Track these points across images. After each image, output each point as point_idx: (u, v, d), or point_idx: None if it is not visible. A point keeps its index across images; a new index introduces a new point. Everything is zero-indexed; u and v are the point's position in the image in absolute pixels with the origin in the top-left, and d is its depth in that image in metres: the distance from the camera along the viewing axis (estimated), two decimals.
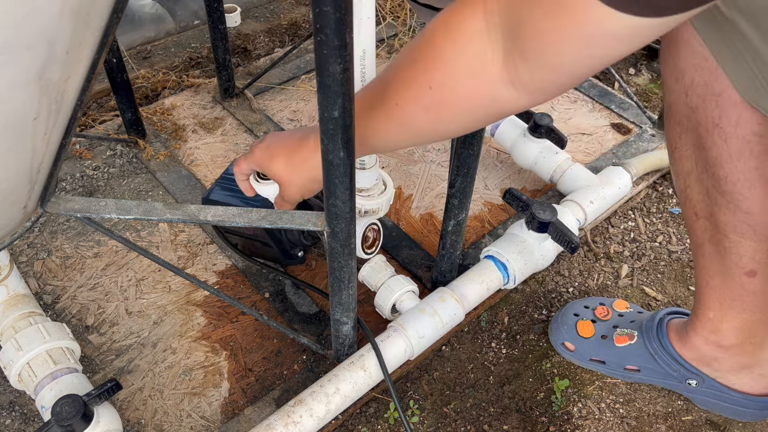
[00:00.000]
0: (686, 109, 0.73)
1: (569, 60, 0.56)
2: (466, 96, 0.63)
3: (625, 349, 1.01)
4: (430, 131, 0.70)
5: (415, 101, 0.66)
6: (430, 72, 0.63)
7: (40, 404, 0.87)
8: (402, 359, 0.98)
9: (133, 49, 1.77)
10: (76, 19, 0.51)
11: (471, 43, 0.60)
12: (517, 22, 0.56)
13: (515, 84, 0.60)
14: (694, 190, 0.79)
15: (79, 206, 0.77)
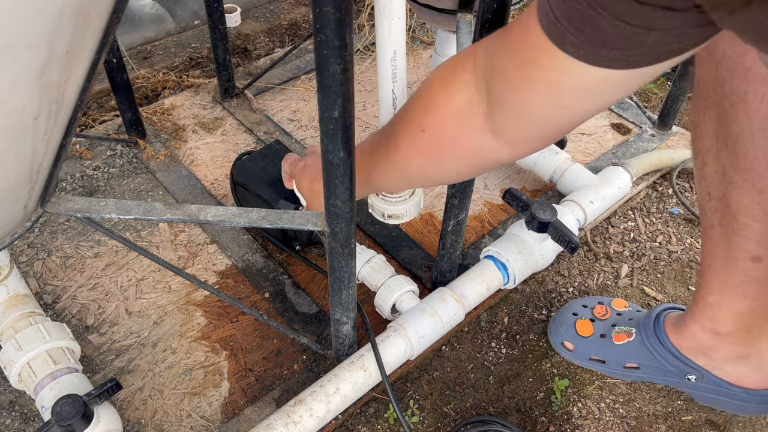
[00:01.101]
0: (714, 82, 0.73)
1: (543, 111, 0.57)
2: (452, 142, 0.67)
3: (624, 346, 1.01)
4: (422, 176, 0.75)
5: (411, 144, 0.71)
6: (423, 117, 0.68)
7: (40, 404, 0.87)
8: (402, 359, 0.98)
9: (133, 49, 1.77)
10: (76, 19, 0.51)
11: (460, 92, 0.64)
12: (493, 72, 0.59)
13: (495, 134, 0.63)
14: (710, 168, 0.78)
15: (79, 206, 0.77)
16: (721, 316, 0.90)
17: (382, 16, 0.78)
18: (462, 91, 0.64)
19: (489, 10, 0.73)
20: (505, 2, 0.73)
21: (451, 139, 0.67)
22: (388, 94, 0.85)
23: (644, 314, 1.02)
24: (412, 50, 1.76)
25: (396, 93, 0.86)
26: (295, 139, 1.45)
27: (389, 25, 0.78)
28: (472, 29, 0.93)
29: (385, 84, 0.85)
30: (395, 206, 0.97)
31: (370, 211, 1.02)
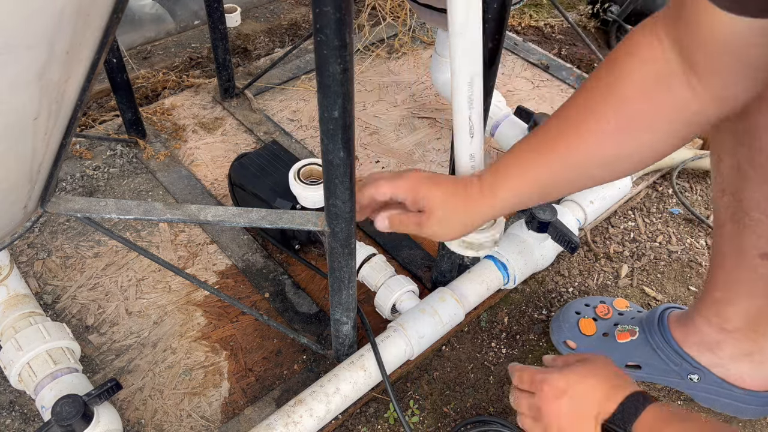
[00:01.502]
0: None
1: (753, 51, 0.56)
2: (651, 110, 0.64)
3: (627, 345, 1.01)
4: (615, 159, 0.69)
5: (601, 126, 0.67)
6: (610, 95, 0.65)
7: (40, 404, 0.87)
8: (402, 359, 0.98)
9: (133, 49, 1.77)
10: (76, 19, 0.51)
11: (651, 58, 0.63)
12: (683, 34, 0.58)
13: (699, 88, 0.61)
14: (725, 163, 0.78)
15: (79, 206, 0.77)
16: (728, 312, 0.89)
17: (458, 39, 0.71)
18: (652, 57, 0.62)
19: (489, 10, 0.73)
20: (505, 2, 0.73)
21: (650, 107, 0.64)
22: (465, 121, 0.78)
23: (647, 313, 1.03)
24: (412, 50, 1.76)
25: (473, 120, 0.78)
26: (295, 139, 1.45)
27: (466, 50, 0.71)
28: None
29: (462, 112, 0.77)
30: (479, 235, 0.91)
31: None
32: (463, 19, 0.69)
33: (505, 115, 1.34)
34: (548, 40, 1.88)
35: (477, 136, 0.81)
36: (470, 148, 0.82)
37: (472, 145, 0.81)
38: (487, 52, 0.77)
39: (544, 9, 2.02)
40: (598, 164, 0.70)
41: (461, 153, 0.82)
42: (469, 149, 0.82)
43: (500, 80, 1.64)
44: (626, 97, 0.65)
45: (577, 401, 0.72)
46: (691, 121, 0.65)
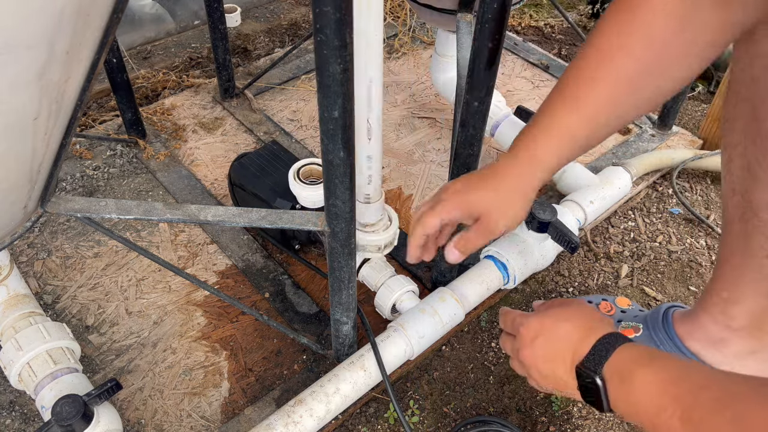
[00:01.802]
0: (748, 79, 0.72)
1: None
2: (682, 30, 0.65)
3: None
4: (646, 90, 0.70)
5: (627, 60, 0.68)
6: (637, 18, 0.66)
7: (41, 404, 0.87)
8: (402, 359, 0.98)
9: (133, 49, 1.77)
10: (76, 19, 0.51)
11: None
12: None
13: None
14: (736, 163, 0.78)
15: (79, 206, 0.77)
16: (734, 310, 0.89)
17: (359, 39, 0.73)
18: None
19: (489, 10, 0.73)
20: (505, 2, 0.73)
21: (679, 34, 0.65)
22: (363, 123, 0.80)
23: (651, 311, 1.02)
24: (412, 50, 1.76)
25: (371, 122, 0.80)
26: (295, 139, 1.46)
27: (366, 53, 0.73)
28: (472, 29, 0.93)
29: (360, 113, 0.78)
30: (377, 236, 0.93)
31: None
32: (364, 23, 0.71)
33: (505, 115, 1.34)
34: (548, 40, 1.88)
35: (374, 138, 0.81)
36: (368, 149, 0.83)
37: (371, 146, 0.82)
38: (487, 52, 0.78)
39: (544, 9, 2.02)
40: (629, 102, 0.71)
41: (359, 154, 0.83)
42: (367, 151, 0.83)
43: (500, 80, 1.64)
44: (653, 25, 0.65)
45: (551, 343, 0.71)
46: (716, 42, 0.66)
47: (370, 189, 0.90)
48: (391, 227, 0.95)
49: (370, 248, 0.94)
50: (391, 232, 0.94)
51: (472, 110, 0.84)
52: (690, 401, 0.54)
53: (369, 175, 0.87)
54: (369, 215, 0.93)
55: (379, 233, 0.94)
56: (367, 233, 0.93)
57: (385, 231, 0.95)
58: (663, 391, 0.57)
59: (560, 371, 0.69)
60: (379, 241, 0.94)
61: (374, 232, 0.94)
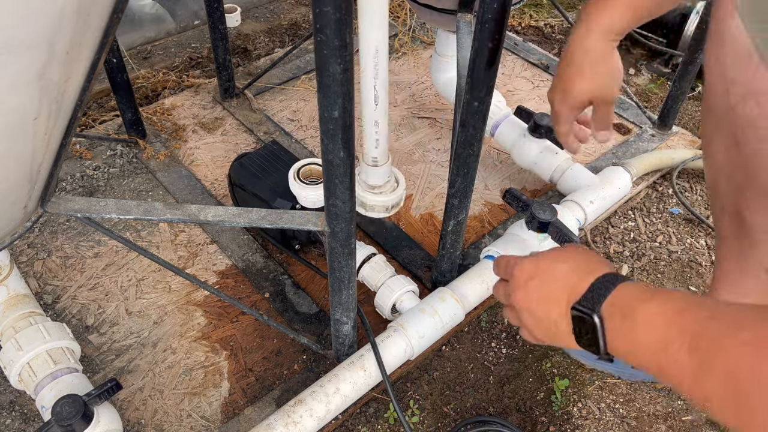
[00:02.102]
0: (725, 106, 0.72)
1: None
2: None
3: None
4: None
5: None
6: None
7: (41, 404, 0.87)
8: (402, 359, 0.98)
9: (133, 49, 1.77)
10: (76, 19, 0.51)
11: None
12: None
13: None
14: (723, 186, 0.78)
15: (80, 206, 0.77)
16: None
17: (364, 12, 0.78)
18: None
19: (489, 10, 0.73)
20: (505, 2, 0.73)
21: None
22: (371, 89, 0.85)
23: None
24: (412, 50, 1.76)
25: (378, 89, 0.85)
26: (295, 139, 1.45)
27: (371, 22, 0.78)
28: (472, 29, 0.93)
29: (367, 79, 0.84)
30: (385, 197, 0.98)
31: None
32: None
33: (505, 115, 1.34)
34: (548, 40, 1.88)
35: (381, 104, 0.86)
36: (375, 114, 0.87)
37: (377, 112, 0.87)
38: (487, 52, 0.77)
39: (544, 9, 2.02)
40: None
41: (367, 119, 0.87)
42: (374, 116, 0.87)
43: (500, 80, 1.64)
44: None
45: (546, 284, 0.66)
46: None
47: (377, 152, 0.93)
48: (398, 188, 1.00)
49: (378, 208, 0.99)
50: (399, 193, 0.99)
51: (472, 110, 0.84)
52: (698, 329, 0.49)
53: (376, 139, 0.90)
54: (377, 177, 0.97)
55: (387, 194, 0.98)
56: (374, 194, 0.98)
57: (393, 192, 0.99)
58: (669, 323, 0.52)
59: (554, 313, 0.64)
60: (386, 201, 0.99)
61: (382, 193, 0.98)
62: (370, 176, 0.97)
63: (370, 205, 0.98)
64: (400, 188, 1.00)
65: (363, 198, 0.98)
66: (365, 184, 0.98)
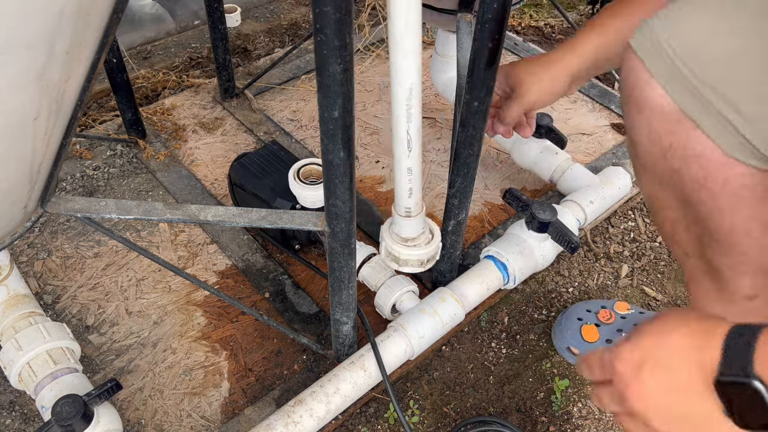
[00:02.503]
0: (668, 170, 0.70)
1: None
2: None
3: None
4: None
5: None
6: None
7: (41, 404, 0.87)
8: (402, 359, 0.98)
9: (133, 49, 1.77)
10: (76, 19, 0.51)
11: None
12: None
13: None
14: (683, 236, 0.76)
15: (80, 206, 0.77)
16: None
17: (397, 49, 0.69)
18: None
19: (489, 10, 0.73)
20: (505, 2, 0.73)
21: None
22: (403, 135, 0.77)
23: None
24: None
25: (411, 134, 0.77)
26: (295, 139, 1.46)
27: (405, 60, 0.69)
28: (472, 29, 0.93)
29: (400, 125, 0.76)
30: (419, 251, 0.90)
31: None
32: (402, 26, 0.65)
33: None
34: (548, 40, 1.88)
35: (415, 150, 0.79)
36: (408, 162, 0.80)
37: (410, 159, 0.79)
38: (487, 52, 0.77)
39: (544, 9, 2.02)
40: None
41: (398, 167, 0.81)
42: (407, 163, 0.80)
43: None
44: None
45: (663, 369, 0.54)
46: None
47: (410, 202, 0.85)
48: (433, 241, 0.92)
49: (413, 263, 0.91)
50: (434, 246, 0.91)
51: (472, 110, 0.84)
52: None
53: (409, 188, 0.83)
54: (410, 229, 0.89)
55: (421, 247, 0.90)
56: (408, 247, 0.90)
57: (427, 245, 0.91)
58: None
59: (692, 397, 0.51)
60: (422, 255, 0.90)
61: (416, 246, 0.90)
62: (403, 228, 0.89)
63: (403, 260, 0.90)
64: (436, 239, 0.92)
65: (396, 252, 0.90)
66: (397, 237, 0.90)
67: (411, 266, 0.91)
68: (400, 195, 0.84)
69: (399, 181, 0.82)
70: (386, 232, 0.91)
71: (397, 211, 0.87)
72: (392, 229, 0.90)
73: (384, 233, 0.91)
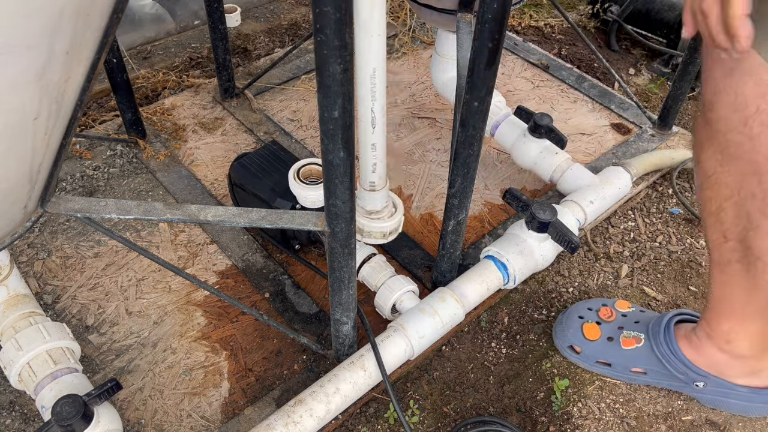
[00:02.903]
0: (742, 137, 0.72)
1: None
2: None
3: (632, 351, 1.01)
4: None
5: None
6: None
7: (41, 404, 0.87)
8: (402, 359, 0.98)
9: (133, 49, 1.77)
10: (76, 19, 0.51)
11: None
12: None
13: None
14: (729, 213, 0.79)
15: (79, 206, 0.77)
16: (738, 340, 0.90)
17: (361, 32, 0.76)
18: None
19: (489, 10, 0.73)
20: (505, 2, 0.73)
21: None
22: (368, 112, 0.83)
23: (653, 320, 1.02)
24: (412, 50, 1.76)
25: (375, 112, 0.83)
26: (295, 139, 1.46)
27: (368, 42, 0.76)
28: (472, 29, 0.93)
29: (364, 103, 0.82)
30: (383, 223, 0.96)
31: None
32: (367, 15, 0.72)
33: (505, 115, 1.34)
34: (548, 40, 1.88)
35: (379, 127, 0.84)
36: (372, 138, 0.85)
37: (375, 135, 0.85)
38: (487, 52, 0.77)
39: (544, 9, 2.02)
40: None
41: (363, 143, 0.85)
42: (371, 139, 0.85)
43: (500, 80, 1.64)
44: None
45: None
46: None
47: (374, 177, 0.91)
48: (396, 214, 0.97)
49: (376, 234, 0.97)
50: (397, 219, 0.97)
51: (472, 110, 0.85)
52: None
53: (374, 163, 0.88)
54: (374, 202, 0.95)
55: (385, 220, 0.96)
56: (372, 220, 0.96)
57: (391, 218, 0.97)
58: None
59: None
60: (384, 227, 0.96)
61: (380, 219, 0.96)
62: (368, 201, 0.95)
63: (367, 231, 0.96)
64: (399, 213, 0.98)
65: (360, 224, 0.96)
66: (362, 210, 0.96)
67: (374, 238, 0.96)
68: (365, 170, 0.90)
69: (364, 157, 0.87)
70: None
71: (362, 185, 0.92)
72: (357, 203, 0.95)
73: None
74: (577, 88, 1.62)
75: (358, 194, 0.95)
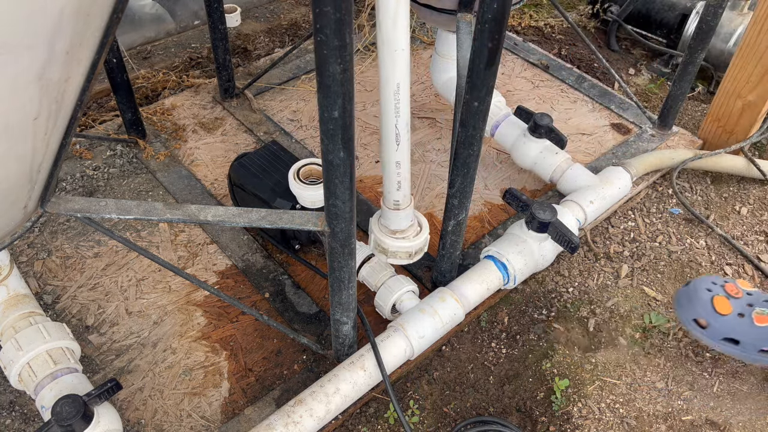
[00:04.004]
0: None
1: None
2: None
3: (767, 329, 0.96)
4: None
5: None
6: None
7: (40, 404, 0.87)
8: (402, 359, 0.98)
9: (133, 49, 1.77)
10: (76, 19, 0.51)
11: None
12: None
13: None
14: None
15: (79, 206, 0.77)
16: None
17: (384, 48, 0.72)
18: None
19: (489, 10, 0.73)
20: (505, 2, 0.73)
21: None
22: (391, 129, 0.80)
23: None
24: (412, 50, 1.76)
25: (399, 128, 0.80)
26: (295, 139, 1.46)
27: (392, 57, 0.73)
28: (472, 29, 0.93)
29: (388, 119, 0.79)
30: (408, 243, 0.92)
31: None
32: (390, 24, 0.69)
33: (505, 115, 1.34)
34: (548, 40, 1.88)
35: (403, 144, 0.81)
36: (396, 155, 0.82)
37: (399, 152, 0.81)
38: (487, 52, 0.78)
39: (544, 9, 2.02)
40: None
41: (387, 160, 0.82)
42: (396, 157, 0.82)
43: (500, 80, 1.64)
44: None
45: None
46: None
47: (399, 195, 0.87)
48: (421, 233, 0.93)
49: (401, 255, 0.92)
50: (422, 238, 0.92)
51: (472, 110, 0.85)
52: None
53: (398, 181, 0.85)
54: (399, 222, 0.91)
55: (410, 239, 0.92)
56: (397, 239, 0.91)
57: (416, 237, 0.93)
58: None
59: None
60: (410, 247, 0.91)
61: (405, 238, 0.91)
62: (392, 221, 0.91)
63: (392, 251, 0.91)
64: (424, 232, 0.94)
65: (385, 244, 0.91)
66: (386, 229, 0.92)
67: (399, 258, 0.93)
68: (389, 188, 0.86)
69: (388, 175, 0.84)
70: (375, 224, 0.92)
71: (386, 204, 0.88)
72: (381, 222, 0.92)
73: (373, 225, 0.92)
74: (577, 88, 1.62)
75: (381, 213, 0.91)
